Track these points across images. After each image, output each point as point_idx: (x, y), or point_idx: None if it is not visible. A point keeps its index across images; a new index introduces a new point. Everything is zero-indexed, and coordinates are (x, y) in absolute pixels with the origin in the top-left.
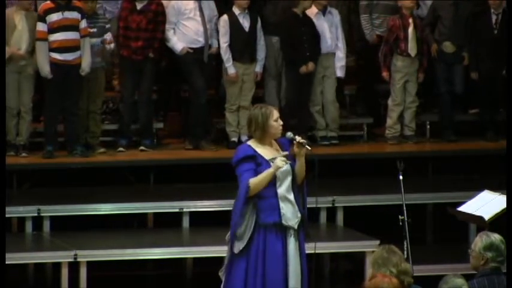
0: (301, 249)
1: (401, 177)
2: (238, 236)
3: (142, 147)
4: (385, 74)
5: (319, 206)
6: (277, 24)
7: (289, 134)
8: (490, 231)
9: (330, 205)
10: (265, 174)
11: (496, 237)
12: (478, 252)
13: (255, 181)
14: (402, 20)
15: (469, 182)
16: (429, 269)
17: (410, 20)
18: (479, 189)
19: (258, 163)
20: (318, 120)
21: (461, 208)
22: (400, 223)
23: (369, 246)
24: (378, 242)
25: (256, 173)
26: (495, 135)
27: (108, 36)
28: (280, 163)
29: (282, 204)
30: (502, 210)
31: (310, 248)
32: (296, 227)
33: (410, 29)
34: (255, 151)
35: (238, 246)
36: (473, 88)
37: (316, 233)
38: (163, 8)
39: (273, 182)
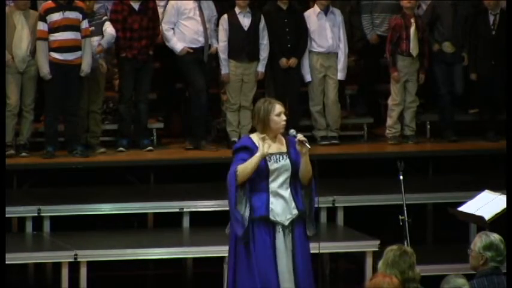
0: (296, 247)
1: (401, 177)
2: (239, 222)
3: (149, 148)
4: (395, 74)
5: (319, 206)
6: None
7: (292, 132)
8: (489, 231)
9: (330, 205)
10: (252, 159)
11: (495, 236)
12: (477, 252)
13: (242, 166)
14: (404, 20)
15: (469, 182)
16: (429, 269)
17: (412, 20)
18: (479, 189)
19: (253, 155)
20: (318, 120)
21: (462, 208)
22: (400, 223)
23: (369, 246)
24: (378, 242)
25: None
26: (495, 135)
27: (105, 29)
28: (266, 148)
29: (272, 199)
30: (502, 210)
31: (314, 247)
32: (287, 223)
33: (412, 29)
34: (254, 144)
35: (240, 231)
36: (473, 88)
37: (316, 233)
38: (156, 5)
39: (266, 176)
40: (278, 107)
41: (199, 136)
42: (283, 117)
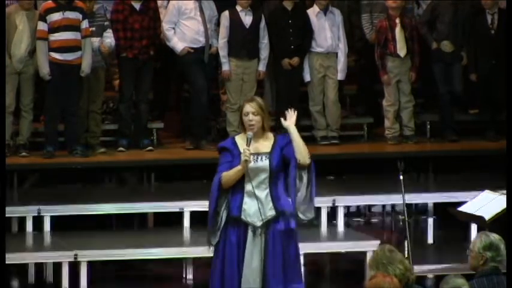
0: (268, 248)
1: (401, 177)
2: (212, 230)
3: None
4: (385, 77)
5: (319, 206)
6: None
7: (249, 134)
8: (489, 231)
9: (330, 205)
10: (234, 171)
11: (495, 236)
12: (477, 252)
13: (226, 176)
14: (389, 21)
15: (469, 182)
16: (429, 269)
17: (397, 21)
18: (479, 189)
19: (234, 156)
20: (318, 120)
21: (462, 208)
22: (400, 223)
23: (369, 246)
24: (378, 242)
25: (231, 165)
26: (495, 135)
27: (107, 36)
28: (243, 158)
29: (246, 200)
30: (502, 210)
31: (314, 248)
32: (259, 224)
33: (398, 30)
34: (235, 144)
35: (213, 240)
36: (473, 88)
37: (317, 233)
38: (157, 5)
39: (242, 177)
40: (246, 107)
41: (199, 136)
42: (251, 117)
